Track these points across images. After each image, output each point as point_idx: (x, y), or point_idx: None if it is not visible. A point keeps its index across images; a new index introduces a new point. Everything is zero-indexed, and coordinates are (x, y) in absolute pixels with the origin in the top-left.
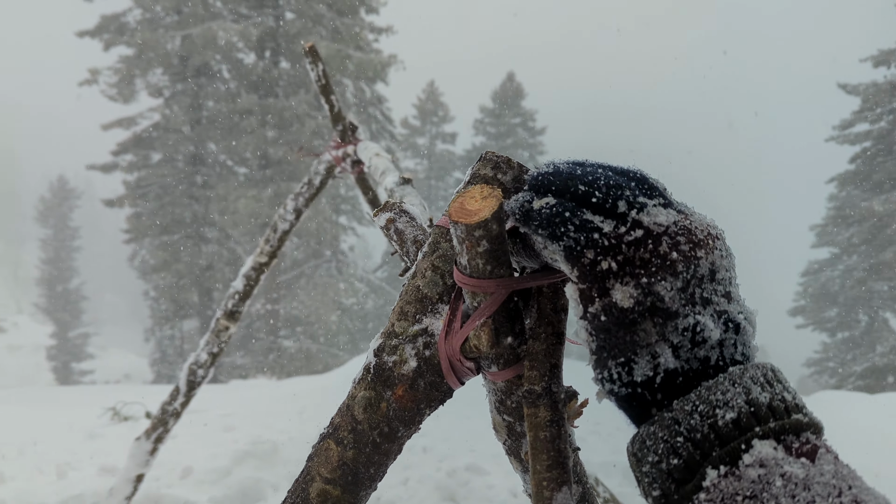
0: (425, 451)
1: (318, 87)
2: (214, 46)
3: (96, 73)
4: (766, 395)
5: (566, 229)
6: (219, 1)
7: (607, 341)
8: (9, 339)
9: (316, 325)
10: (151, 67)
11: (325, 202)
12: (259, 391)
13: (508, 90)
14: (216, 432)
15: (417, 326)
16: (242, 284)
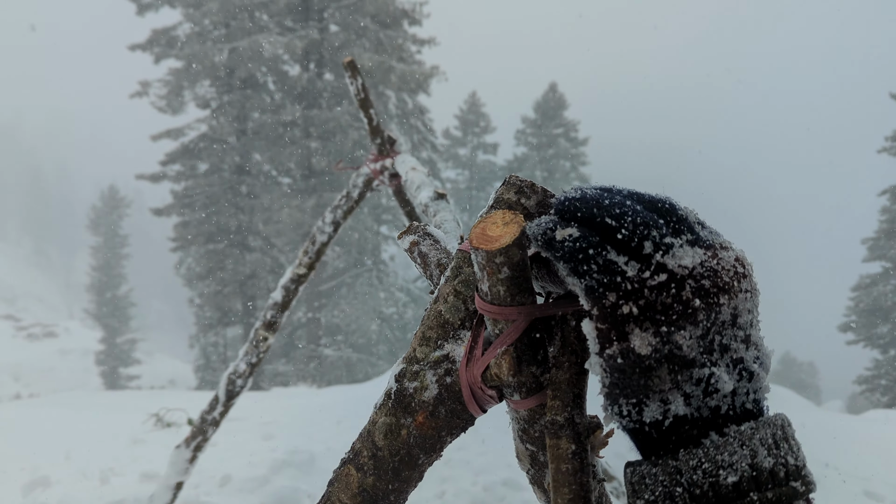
0: (462, 464)
1: (358, 100)
2: (260, 59)
3: (147, 86)
4: (770, 460)
5: (589, 268)
6: (265, 14)
7: (621, 381)
8: (60, 344)
9: (356, 334)
10: (199, 79)
11: (366, 212)
12: (299, 399)
13: (551, 101)
14: (255, 441)
15: (439, 352)
16: (281, 295)
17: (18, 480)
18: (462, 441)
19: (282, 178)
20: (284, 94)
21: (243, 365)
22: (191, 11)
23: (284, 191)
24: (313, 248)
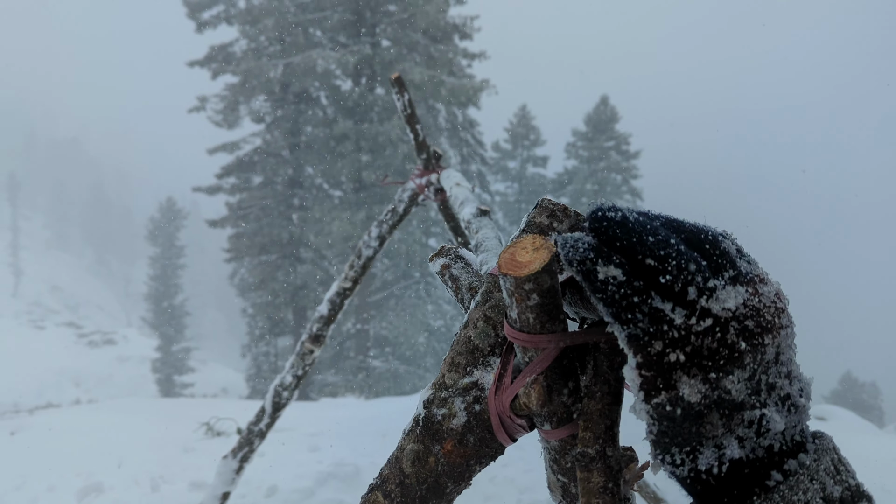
0: (506, 482)
1: (404, 116)
2: (313, 74)
3: (204, 101)
4: (838, 488)
5: (634, 316)
6: (319, 30)
7: (671, 429)
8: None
9: (404, 346)
10: (255, 94)
11: (415, 224)
12: (346, 411)
13: (602, 113)
14: (302, 452)
15: (468, 379)
16: (327, 309)
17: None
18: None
19: (333, 191)
20: (336, 108)
21: (289, 377)
22: (247, 28)
23: (335, 203)
24: (359, 262)
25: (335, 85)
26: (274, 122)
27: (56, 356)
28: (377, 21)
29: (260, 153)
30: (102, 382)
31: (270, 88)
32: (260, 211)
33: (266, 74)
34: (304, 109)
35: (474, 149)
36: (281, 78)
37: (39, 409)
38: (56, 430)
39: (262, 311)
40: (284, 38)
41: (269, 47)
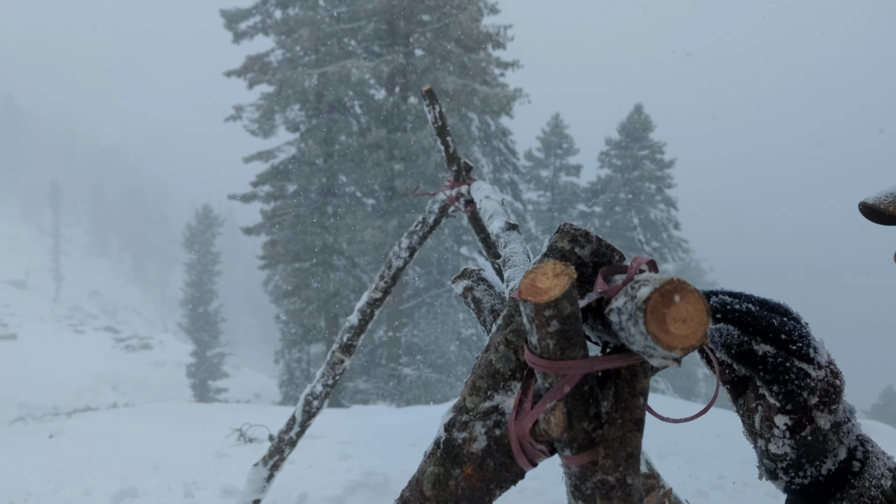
0: (536, 495)
1: (435, 128)
2: (348, 83)
3: (240, 110)
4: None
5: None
6: (353, 40)
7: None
8: (155, 356)
9: (435, 354)
10: (290, 104)
11: (447, 233)
12: (377, 418)
13: (636, 122)
14: (332, 460)
15: (489, 403)
16: (358, 319)
17: (109, 490)
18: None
19: (366, 199)
20: (370, 117)
21: (320, 387)
22: (283, 38)
23: (368, 211)
24: (389, 272)
25: (369, 94)
26: (308, 130)
27: (94, 360)
28: (411, 31)
29: (294, 161)
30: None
31: (305, 98)
32: (294, 218)
33: (301, 84)
34: (337, 118)
35: (507, 157)
36: (316, 87)
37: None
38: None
39: (295, 318)
40: (319, 48)
41: (304, 57)
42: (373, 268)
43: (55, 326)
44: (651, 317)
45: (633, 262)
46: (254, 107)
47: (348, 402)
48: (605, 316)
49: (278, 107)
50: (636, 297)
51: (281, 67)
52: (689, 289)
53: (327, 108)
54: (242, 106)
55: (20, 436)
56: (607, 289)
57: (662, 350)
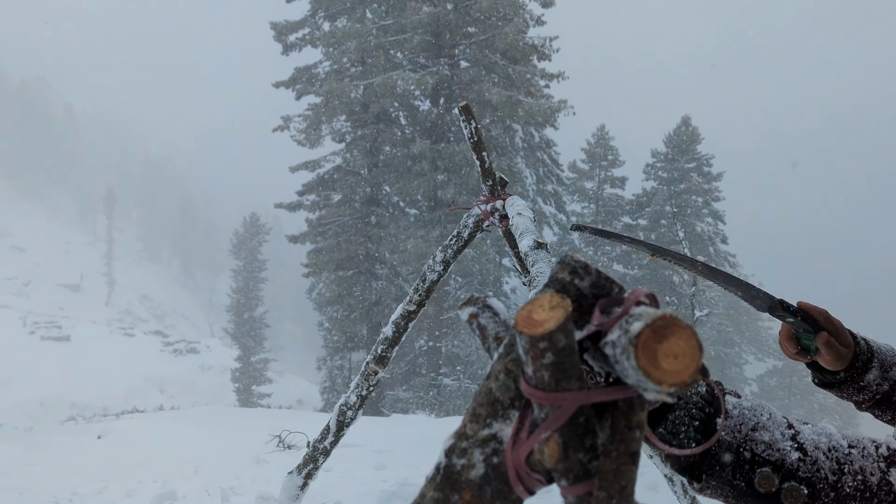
0: None
1: (471, 143)
2: (393, 94)
3: (288, 120)
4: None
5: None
6: (399, 52)
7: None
8: (202, 360)
9: (475, 365)
10: (336, 114)
11: (489, 243)
12: (415, 428)
13: (683, 134)
14: (367, 469)
15: (487, 431)
16: (392, 331)
17: (150, 492)
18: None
19: (409, 209)
20: (414, 128)
21: (354, 397)
22: (330, 50)
23: (411, 221)
24: (423, 285)
25: (414, 105)
26: (354, 141)
27: (143, 363)
28: (456, 43)
29: (339, 171)
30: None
31: (351, 109)
32: (338, 227)
33: (347, 95)
34: (382, 129)
35: (551, 169)
36: (362, 98)
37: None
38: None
39: (337, 326)
40: (366, 60)
41: (351, 69)
42: (415, 277)
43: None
44: (642, 352)
45: (630, 295)
46: (301, 117)
47: (388, 410)
48: (601, 349)
49: (325, 117)
50: (629, 331)
51: (328, 79)
52: (681, 325)
53: (373, 118)
54: (290, 116)
55: (70, 435)
56: (603, 322)
57: (654, 385)
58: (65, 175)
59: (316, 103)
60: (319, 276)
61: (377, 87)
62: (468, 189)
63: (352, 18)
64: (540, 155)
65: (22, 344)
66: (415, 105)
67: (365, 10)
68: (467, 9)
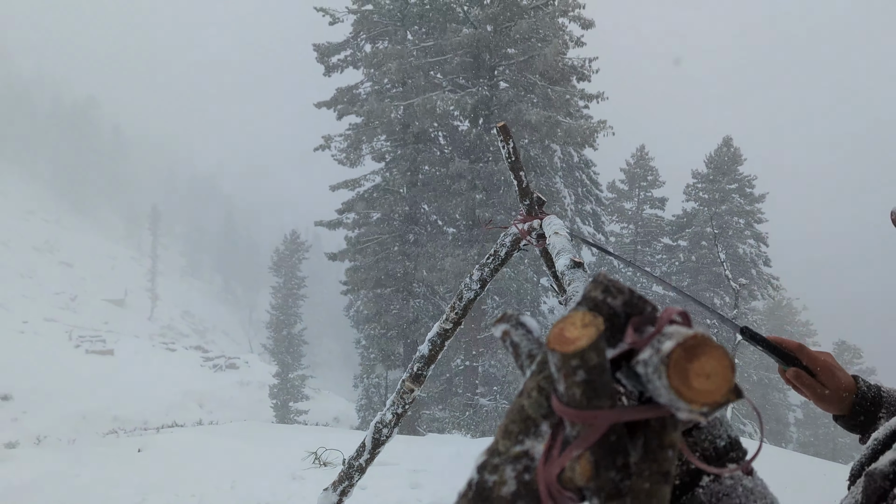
0: None
1: (508, 163)
2: (433, 115)
3: (329, 140)
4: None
5: None
6: (439, 73)
7: None
8: (241, 376)
9: (512, 386)
10: (376, 134)
11: (526, 263)
12: (450, 448)
13: (724, 155)
14: (402, 488)
15: (519, 448)
16: (428, 349)
17: None
18: None
19: (447, 228)
20: (453, 147)
21: (389, 415)
22: (372, 71)
23: (448, 240)
24: (460, 304)
25: (453, 125)
26: (393, 160)
27: (184, 378)
28: (496, 64)
29: (379, 190)
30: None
31: (391, 128)
32: (377, 246)
33: (388, 115)
34: (422, 149)
35: (589, 189)
36: (402, 118)
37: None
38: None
39: (374, 343)
40: (406, 81)
41: (391, 89)
42: (452, 295)
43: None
44: (673, 371)
45: (663, 313)
46: (342, 137)
47: (424, 429)
48: (633, 367)
49: (365, 137)
50: (660, 350)
51: (369, 99)
52: (712, 344)
53: (412, 138)
54: (331, 136)
55: (112, 448)
56: (636, 340)
57: (686, 405)
58: (112, 192)
59: (357, 123)
60: (357, 293)
61: (417, 108)
62: (506, 208)
63: (393, 40)
64: (578, 175)
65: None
66: (454, 125)
67: (406, 32)
68: (507, 30)
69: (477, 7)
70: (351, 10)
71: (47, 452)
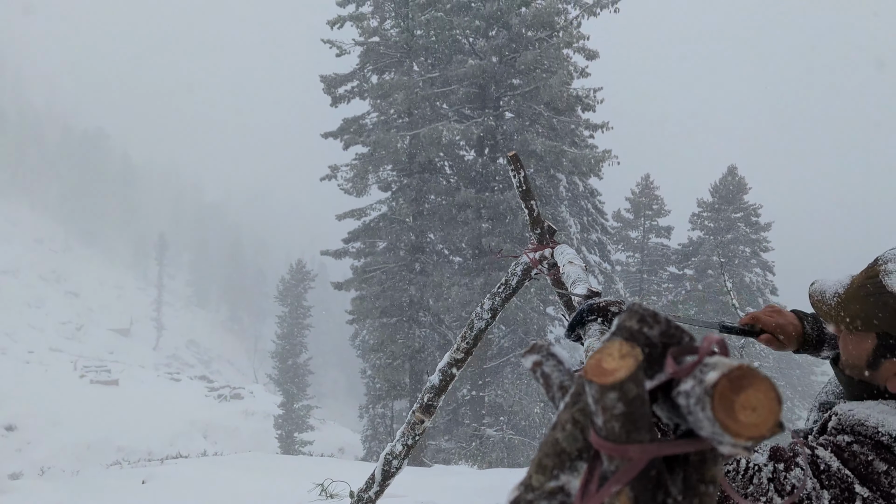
0: None
1: (520, 192)
2: (439, 145)
3: (335, 170)
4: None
5: None
6: (445, 104)
7: None
8: (245, 406)
9: (519, 416)
10: (382, 164)
11: (533, 292)
12: (458, 479)
13: (729, 184)
14: None
15: (554, 483)
16: (438, 379)
17: None
18: None
19: (453, 257)
20: (460, 177)
21: (399, 446)
22: (378, 102)
23: (455, 269)
24: (471, 333)
25: (459, 155)
26: (399, 189)
27: (188, 408)
28: (501, 94)
29: (385, 219)
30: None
31: (398, 158)
32: (383, 275)
33: (394, 145)
34: (428, 178)
35: (595, 218)
36: (408, 148)
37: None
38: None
39: (380, 373)
40: (413, 111)
41: (397, 120)
42: (458, 325)
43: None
44: (719, 403)
45: (703, 342)
46: (348, 167)
47: (430, 460)
48: (673, 398)
49: (371, 167)
50: (704, 381)
51: (375, 129)
52: (759, 376)
53: (418, 168)
54: (338, 166)
55: (116, 479)
56: (678, 370)
57: (730, 438)
58: (120, 222)
59: (363, 153)
60: (363, 322)
61: (423, 138)
62: (512, 238)
63: (399, 71)
64: (584, 204)
65: (72, 387)
66: (460, 155)
67: (412, 64)
68: (512, 61)
69: (482, 39)
70: (357, 42)
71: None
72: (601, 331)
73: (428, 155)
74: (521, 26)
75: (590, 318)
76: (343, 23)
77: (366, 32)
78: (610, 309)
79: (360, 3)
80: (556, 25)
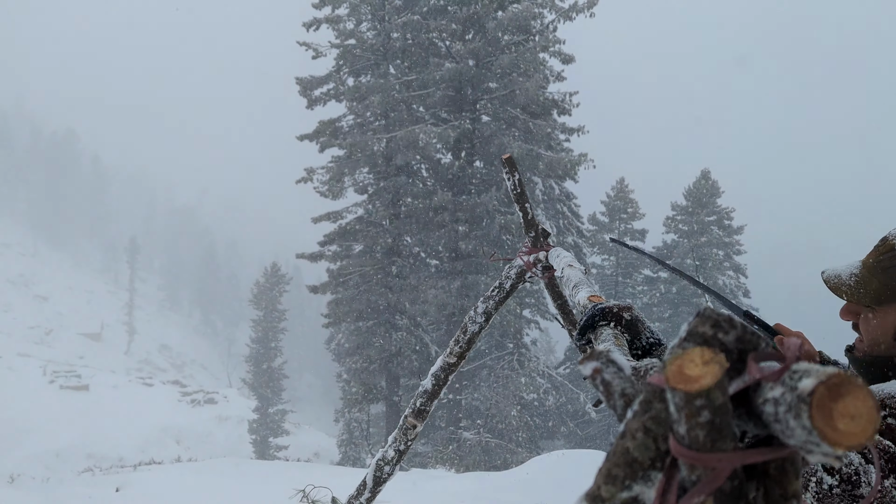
0: None
1: (514, 195)
2: (415, 148)
3: (311, 172)
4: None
5: None
6: (422, 106)
7: None
8: (219, 411)
9: (496, 419)
10: (359, 167)
11: None
12: (438, 483)
13: (703, 187)
14: None
15: (627, 494)
16: (431, 384)
17: None
18: None
19: (430, 260)
20: (436, 180)
21: (391, 452)
22: (354, 105)
23: (431, 272)
24: (464, 337)
25: (435, 158)
26: (376, 192)
27: (161, 413)
28: (478, 97)
29: (361, 222)
30: (202, 441)
31: (374, 161)
32: (359, 278)
33: (371, 148)
34: (404, 181)
35: (571, 221)
36: (384, 151)
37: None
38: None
39: (356, 377)
40: (389, 114)
41: (374, 122)
42: (434, 328)
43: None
44: (817, 411)
45: (786, 348)
46: (324, 169)
47: (407, 464)
48: (757, 406)
49: (348, 169)
50: (797, 388)
51: (351, 132)
52: (857, 384)
53: (395, 171)
54: (313, 168)
55: (88, 487)
56: (765, 375)
57: (827, 447)
58: (90, 225)
59: (339, 156)
60: (339, 326)
61: (399, 141)
62: (489, 240)
63: (375, 74)
64: (560, 207)
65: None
66: (436, 158)
67: (388, 66)
68: (489, 65)
69: (459, 42)
70: (334, 45)
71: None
72: (615, 335)
73: (404, 158)
74: (498, 30)
75: (601, 322)
76: (319, 25)
77: (342, 35)
78: (623, 315)
79: (337, 6)
80: (532, 29)
